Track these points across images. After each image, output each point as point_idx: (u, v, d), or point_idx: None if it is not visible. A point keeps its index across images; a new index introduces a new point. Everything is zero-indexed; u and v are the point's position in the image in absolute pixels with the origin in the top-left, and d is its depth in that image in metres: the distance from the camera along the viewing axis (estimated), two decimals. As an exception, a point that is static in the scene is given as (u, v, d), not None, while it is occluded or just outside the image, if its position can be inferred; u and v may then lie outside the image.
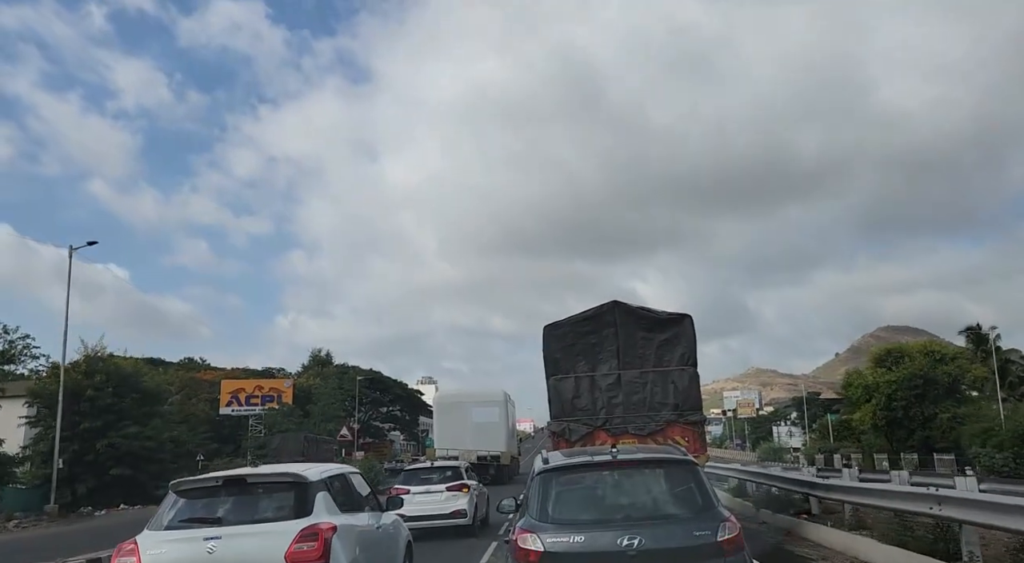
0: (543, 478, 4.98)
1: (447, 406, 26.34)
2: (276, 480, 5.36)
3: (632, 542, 4.34)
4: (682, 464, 5.09)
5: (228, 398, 49.08)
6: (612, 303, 11.01)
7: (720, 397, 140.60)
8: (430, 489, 11.87)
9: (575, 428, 10.34)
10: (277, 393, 50.09)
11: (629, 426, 10.32)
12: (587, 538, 4.47)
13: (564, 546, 4.46)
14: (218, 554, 4.71)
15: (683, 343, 10.58)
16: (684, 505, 4.78)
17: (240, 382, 53.38)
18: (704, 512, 4.65)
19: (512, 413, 28.08)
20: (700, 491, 4.81)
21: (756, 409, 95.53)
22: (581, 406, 10.52)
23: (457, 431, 24.29)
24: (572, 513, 4.81)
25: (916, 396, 34.29)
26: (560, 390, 10.68)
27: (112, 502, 26.29)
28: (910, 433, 34.74)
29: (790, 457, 41.65)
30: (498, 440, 24.55)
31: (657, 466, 5.19)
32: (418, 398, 70.65)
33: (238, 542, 4.81)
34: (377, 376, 66.60)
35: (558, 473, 5.05)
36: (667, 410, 10.33)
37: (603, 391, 10.50)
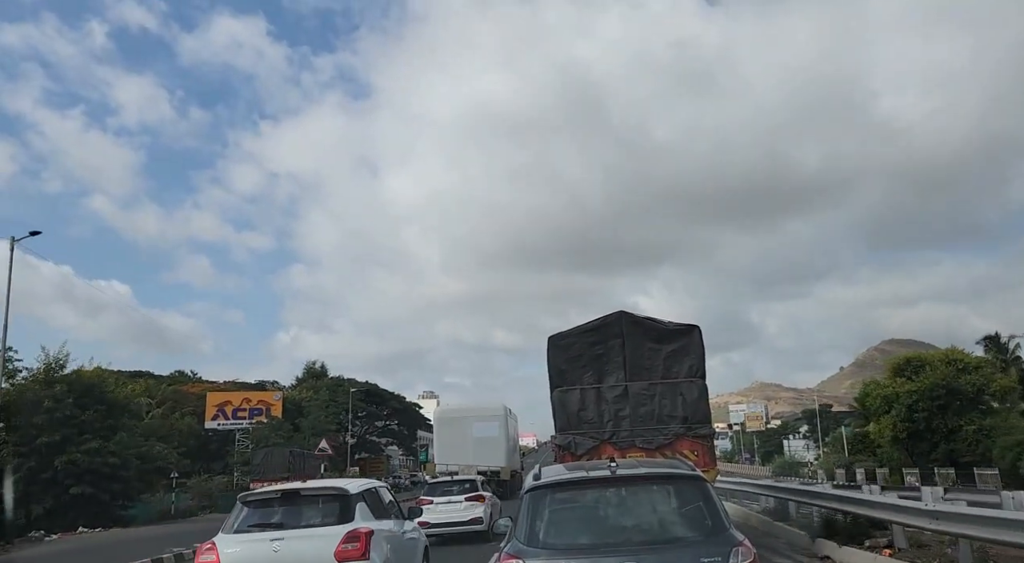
0: (533, 496, 4.61)
1: (447, 421, 26.99)
2: (324, 492, 6.77)
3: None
4: (689, 480, 4.68)
5: (214, 411, 48.97)
6: (619, 313, 11.25)
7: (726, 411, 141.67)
8: (451, 499, 13.95)
9: (581, 441, 10.54)
10: (266, 406, 49.99)
11: (637, 439, 10.53)
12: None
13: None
14: (281, 553, 6.04)
15: (692, 355, 10.80)
16: (692, 527, 4.41)
17: (227, 394, 52.99)
18: (714, 535, 4.24)
19: (514, 427, 28.56)
20: (709, 510, 4.42)
21: (764, 422, 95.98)
22: (587, 419, 10.72)
23: (457, 446, 24.96)
24: (564, 536, 4.43)
25: (939, 407, 33.90)
26: (565, 402, 10.89)
27: (71, 525, 25.17)
28: (933, 446, 34.41)
29: (806, 471, 41.84)
30: (499, 455, 25.08)
31: (661, 482, 4.80)
32: (416, 411, 70.53)
33: (297, 543, 6.11)
34: (373, 389, 66.66)
35: (550, 491, 4.65)
36: (676, 423, 10.52)
37: (610, 403, 10.71)
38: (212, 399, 50.20)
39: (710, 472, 10.66)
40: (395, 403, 67.36)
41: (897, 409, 35.10)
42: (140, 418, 38.16)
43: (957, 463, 29.96)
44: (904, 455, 36.24)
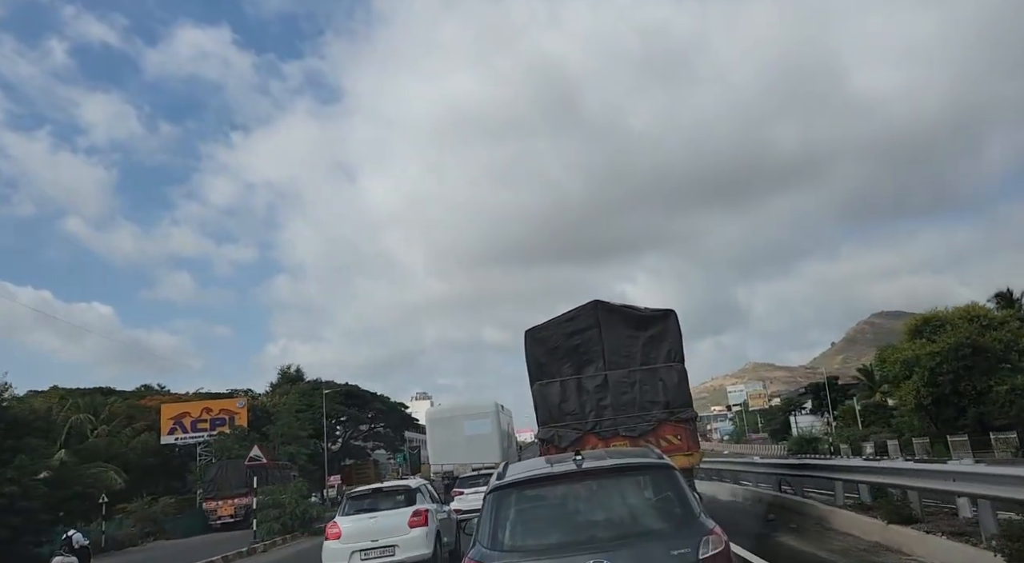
0: (495, 497, 4.72)
1: (439, 421, 28.57)
2: (397, 488, 12.27)
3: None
4: (658, 469, 4.90)
5: (170, 425, 47.55)
6: (594, 302, 12.13)
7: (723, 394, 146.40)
8: (477, 489, 17.39)
9: (564, 433, 11.44)
10: (229, 415, 48.81)
11: (620, 428, 11.42)
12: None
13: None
14: (377, 523, 11.22)
15: (669, 340, 11.71)
16: (661, 517, 4.65)
17: (183, 405, 51.59)
18: (684, 525, 4.46)
19: (507, 423, 29.98)
20: (679, 499, 4.64)
21: (767, 400, 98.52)
22: (569, 410, 11.61)
23: (450, 445, 26.72)
24: (530, 537, 4.57)
25: (965, 368, 33.37)
26: (546, 395, 11.79)
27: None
28: (960, 411, 34.09)
29: (826, 446, 43.28)
30: (492, 451, 26.62)
31: (629, 473, 5.01)
32: (402, 412, 71.53)
33: (385, 518, 11.29)
34: (353, 390, 67.46)
35: (513, 490, 4.81)
36: (658, 409, 11.43)
37: (591, 394, 11.61)
38: (167, 411, 48.79)
39: (694, 455, 11.76)
40: (379, 404, 67.84)
41: (919, 373, 34.83)
42: (83, 437, 36.93)
43: (990, 427, 29.72)
44: (926, 422, 36.39)
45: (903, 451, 29.38)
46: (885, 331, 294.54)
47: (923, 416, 37.18)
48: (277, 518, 25.12)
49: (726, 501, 18.61)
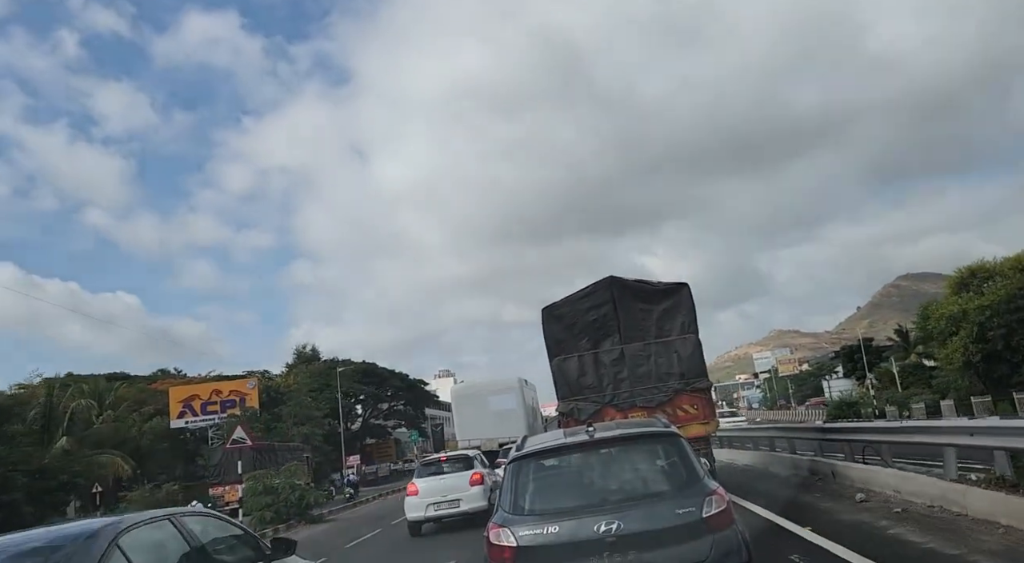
0: (515, 467, 5.48)
1: (464, 398, 29.97)
2: (458, 456, 16.55)
3: (611, 527, 4.76)
4: (664, 437, 5.59)
5: (179, 408, 47.79)
6: (608, 278, 13.04)
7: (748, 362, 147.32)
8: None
9: (583, 407, 12.43)
10: (240, 397, 48.67)
11: (637, 399, 12.39)
12: (563, 527, 4.89)
13: (539, 539, 4.89)
14: (445, 482, 15.08)
15: (683, 312, 12.62)
16: (667, 481, 5.28)
17: (192, 387, 51.57)
18: (688, 487, 5.06)
19: (532, 397, 31.27)
20: (684, 464, 5.27)
21: (798, 365, 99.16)
22: (587, 384, 12.58)
23: (477, 421, 28.18)
24: (547, 502, 5.27)
25: (1019, 321, 32.08)
26: (564, 370, 12.77)
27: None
28: (1014, 368, 32.86)
29: (869, 410, 43.45)
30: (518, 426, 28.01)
31: (637, 442, 5.74)
32: (422, 389, 72.49)
33: (450, 478, 15.20)
34: (370, 368, 68.85)
35: (531, 460, 5.58)
36: (673, 380, 12.37)
37: (608, 367, 12.58)
38: (176, 394, 48.78)
39: (710, 423, 12.76)
40: (397, 382, 69.05)
41: (967, 329, 33.84)
42: (88, 424, 37.09)
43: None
44: (974, 381, 35.49)
45: (958, 412, 27.89)
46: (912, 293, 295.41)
47: (971, 375, 36.24)
48: (269, 505, 23.91)
49: (785, 476, 14.90)
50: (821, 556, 7.20)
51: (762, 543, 7.16)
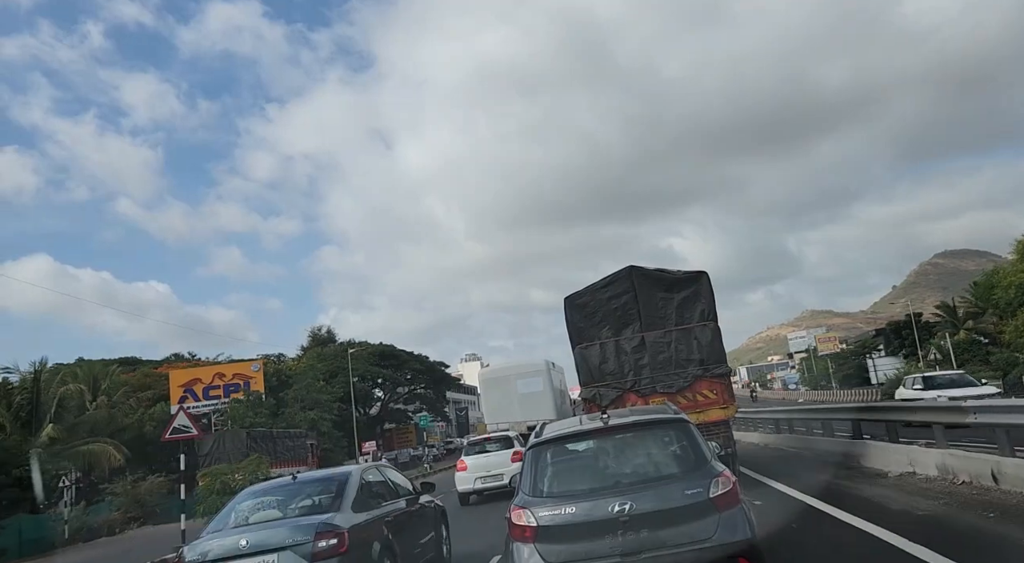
0: (534, 453, 6.28)
1: (492, 381, 31.42)
2: (500, 437, 20.35)
3: (624, 507, 5.47)
4: (674, 423, 6.38)
5: (180, 393, 48.02)
6: (628, 268, 14.21)
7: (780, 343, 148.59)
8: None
9: (605, 392, 13.66)
10: (244, 380, 49.22)
11: (658, 385, 13.57)
12: (579, 508, 5.63)
13: (558, 519, 5.63)
14: (489, 459, 18.96)
15: (702, 300, 13.77)
16: (677, 464, 6.03)
17: (194, 370, 52.33)
18: (696, 470, 5.80)
19: (559, 379, 32.65)
20: (693, 448, 6.03)
21: (839, 343, 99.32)
22: (609, 371, 13.80)
23: (504, 404, 29.64)
24: (564, 485, 6.05)
25: None
26: (587, 357, 14.00)
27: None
28: None
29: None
30: (546, 409, 29.42)
31: (649, 428, 6.57)
32: (442, 371, 73.44)
33: (494, 456, 19.07)
34: (387, 350, 69.39)
35: (549, 446, 6.36)
36: (693, 366, 13.54)
37: (629, 354, 13.77)
38: (176, 378, 49.28)
39: (729, 408, 13.96)
40: (416, 364, 69.84)
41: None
42: (82, 410, 36.73)
43: None
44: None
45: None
46: (950, 271, 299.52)
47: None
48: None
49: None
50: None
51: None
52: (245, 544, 7.15)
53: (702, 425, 13.26)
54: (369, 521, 8.05)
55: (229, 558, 7.11)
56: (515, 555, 5.76)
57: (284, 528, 7.45)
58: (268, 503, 8.39)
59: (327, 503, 8.07)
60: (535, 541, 5.66)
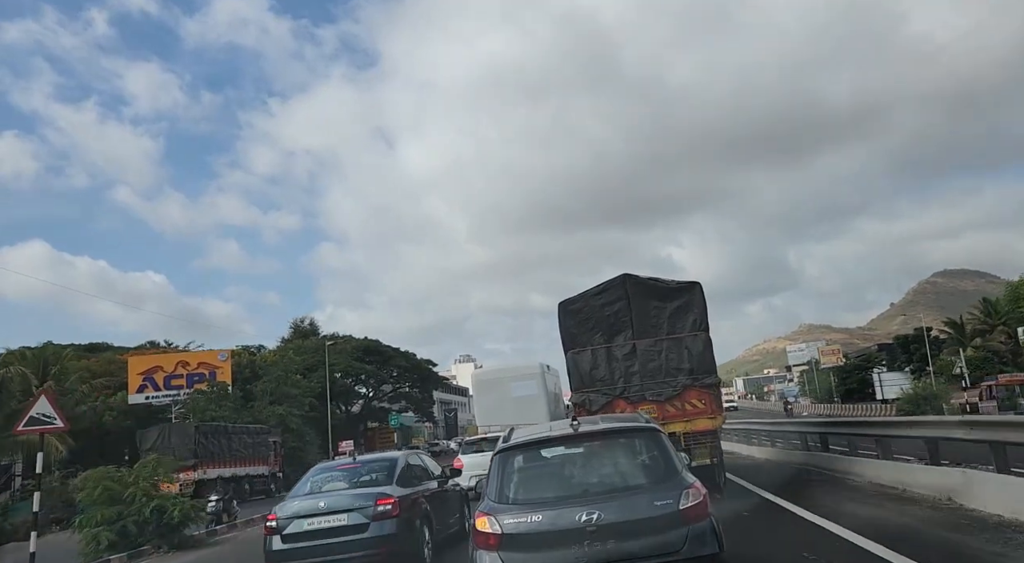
0: (500, 458, 6.38)
1: (486, 383, 32.23)
2: (496, 436, 16.19)
3: (591, 517, 5.57)
4: (645, 432, 6.54)
5: (139, 381, 47.87)
6: (623, 276, 15.09)
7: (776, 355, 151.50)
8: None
9: (595, 398, 14.49)
10: (210, 370, 48.63)
11: (647, 393, 14.39)
12: (545, 517, 5.72)
13: (523, 527, 5.71)
14: (485, 458, 14.08)
15: (694, 310, 14.62)
16: (647, 475, 6.19)
17: (155, 357, 51.76)
18: (666, 481, 5.95)
19: (554, 383, 33.53)
20: (664, 458, 6.18)
21: (842, 357, 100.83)
22: (599, 377, 14.62)
23: (498, 406, 30.45)
24: (531, 492, 6.17)
25: None
26: (578, 363, 14.84)
27: None
28: None
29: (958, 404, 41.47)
30: (539, 412, 30.27)
31: (619, 436, 6.75)
32: (429, 370, 73.82)
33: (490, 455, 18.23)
34: (372, 345, 70.08)
35: (516, 451, 6.48)
36: (683, 375, 14.36)
37: (620, 361, 14.60)
38: (135, 365, 48.71)
39: (717, 418, 14.83)
40: (401, 361, 69.96)
41: None
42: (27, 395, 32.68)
43: None
44: None
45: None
46: (948, 290, 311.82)
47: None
48: (113, 521, 17.27)
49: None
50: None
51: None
52: (323, 505, 10.32)
53: (690, 434, 14.31)
54: (412, 495, 10.88)
55: (311, 515, 10.18)
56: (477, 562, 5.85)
57: (351, 495, 10.59)
58: (335, 477, 11.68)
59: (381, 479, 11.06)
60: (499, 549, 5.74)
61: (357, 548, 9.81)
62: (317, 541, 9.95)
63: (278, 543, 10.21)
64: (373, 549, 9.84)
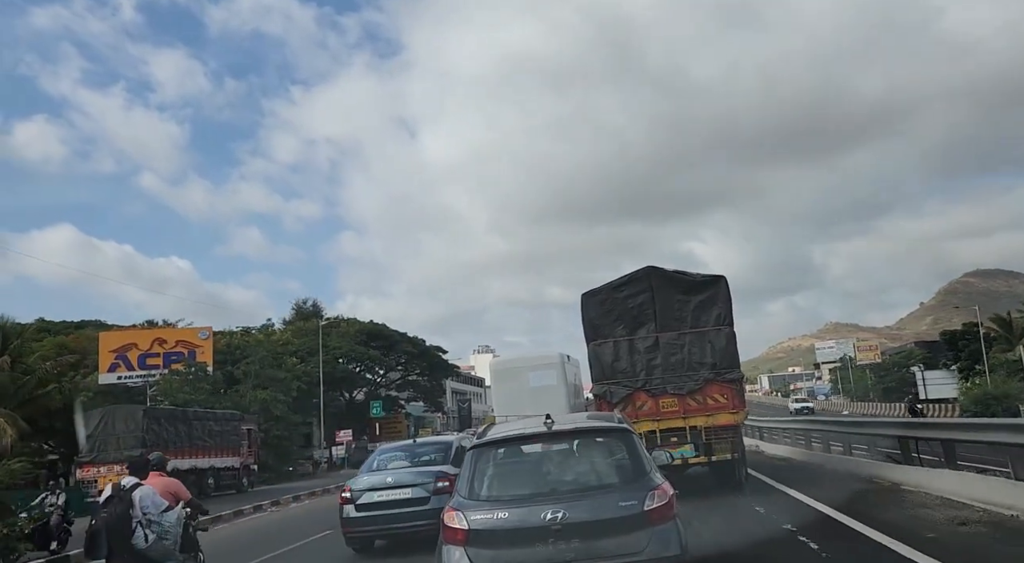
0: (473, 454, 6.83)
1: (503, 372, 33.15)
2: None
3: (556, 515, 5.94)
4: (616, 432, 6.99)
5: (111, 360, 46.17)
6: (648, 268, 16.09)
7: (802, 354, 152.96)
8: None
9: (615, 390, 15.55)
10: (189, 349, 46.84)
11: (668, 386, 15.39)
12: (512, 514, 6.15)
13: (489, 523, 6.12)
14: None
15: (719, 304, 15.60)
16: (615, 474, 6.60)
17: (131, 333, 50.80)
18: (633, 481, 6.36)
19: (573, 373, 34.43)
20: (633, 459, 6.59)
21: (877, 354, 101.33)
22: (621, 369, 15.64)
23: (515, 397, 31.32)
24: (501, 489, 6.61)
25: None
26: (600, 354, 15.88)
27: None
28: None
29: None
30: (558, 403, 31.10)
31: (591, 435, 7.26)
32: (439, 357, 73.91)
33: None
34: (377, 329, 69.36)
35: (490, 448, 6.93)
36: (705, 369, 15.36)
37: (642, 354, 15.60)
38: (106, 342, 47.29)
39: (739, 413, 15.81)
40: (408, 347, 69.96)
41: None
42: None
43: None
44: None
45: None
46: (980, 290, 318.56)
47: None
48: None
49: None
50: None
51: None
52: (390, 480, 12.85)
53: (711, 429, 15.28)
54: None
55: (379, 488, 12.72)
56: (444, 557, 6.30)
57: (415, 472, 13.00)
58: (398, 456, 14.30)
59: (439, 459, 13.45)
60: (466, 545, 6.16)
61: (419, 518, 11.91)
62: (385, 511, 12.43)
63: (352, 511, 12.78)
64: (432, 520, 10.93)
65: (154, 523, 7.45)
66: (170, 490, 8.25)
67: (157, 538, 7.43)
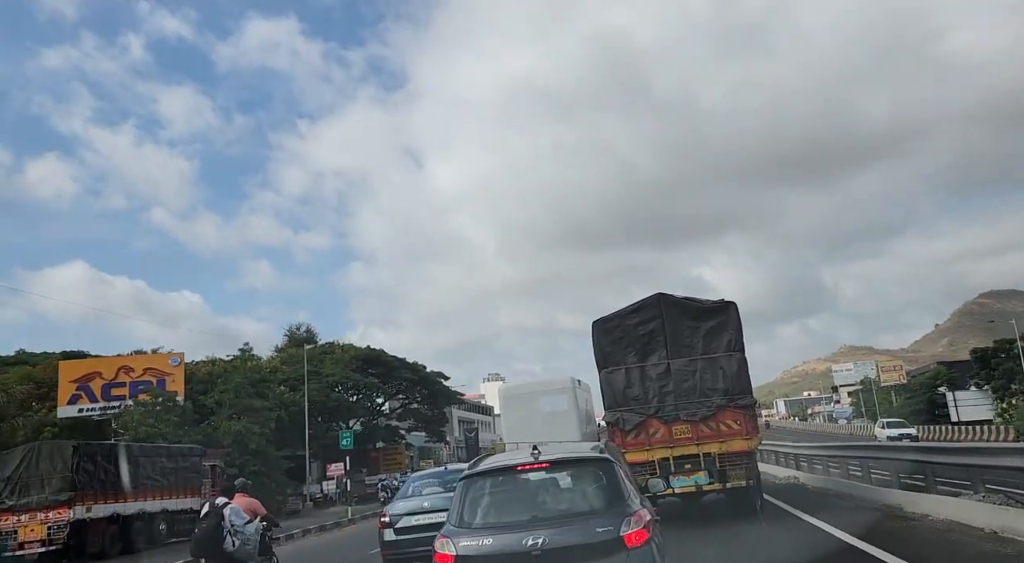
0: (465, 484, 7.58)
1: (514, 398, 33.73)
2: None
3: (536, 542, 6.53)
4: (598, 462, 7.63)
5: (71, 391, 44.65)
6: (658, 295, 17.08)
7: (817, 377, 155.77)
8: None
9: (628, 417, 16.42)
10: (158, 378, 45.04)
11: (681, 413, 16.26)
12: (495, 540, 6.79)
13: (473, 549, 6.77)
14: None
15: (729, 330, 16.55)
16: (596, 501, 7.24)
17: (94, 362, 49.33)
18: (611, 508, 6.98)
19: (585, 399, 35.11)
20: (612, 486, 7.24)
21: (903, 376, 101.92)
22: (633, 396, 16.54)
23: (526, 423, 31.87)
24: (488, 517, 7.31)
25: None
26: (612, 381, 16.80)
27: None
28: None
29: None
30: (570, 429, 31.69)
31: (575, 465, 7.89)
32: (441, 384, 73.66)
33: None
34: (374, 355, 68.04)
35: (478, 478, 7.68)
36: (717, 395, 16.23)
37: (654, 381, 16.50)
38: (67, 372, 45.77)
39: (752, 439, 16.65)
40: (407, 373, 69.33)
41: None
42: None
43: None
44: None
45: None
46: (996, 312, 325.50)
47: None
48: None
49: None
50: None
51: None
52: (427, 505, 14.49)
53: (725, 455, 16.11)
54: None
55: (417, 513, 14.43)
56: None
57: (447, 497, 13.10)
58: (431, 483, 16.07)
59: None
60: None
61: None
62: (423, 534, 13.17)
63: (391, 535, 14.46)
64: None
65: (239, 532, 11.03)
66: (251, 508, 11.89)
67: (241, 544, 11.04)
